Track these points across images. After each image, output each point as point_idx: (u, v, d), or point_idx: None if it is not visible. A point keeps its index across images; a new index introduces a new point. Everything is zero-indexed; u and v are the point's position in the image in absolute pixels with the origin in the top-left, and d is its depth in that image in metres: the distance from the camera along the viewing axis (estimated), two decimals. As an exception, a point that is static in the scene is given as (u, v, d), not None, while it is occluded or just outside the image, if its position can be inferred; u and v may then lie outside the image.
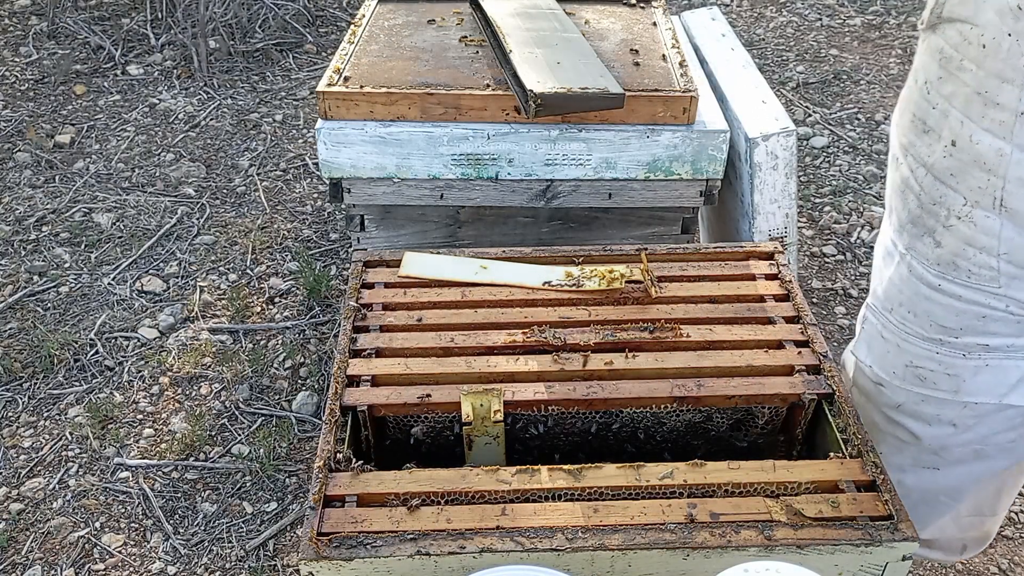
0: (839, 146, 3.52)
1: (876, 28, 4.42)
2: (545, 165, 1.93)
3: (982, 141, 1.16)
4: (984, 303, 1.27)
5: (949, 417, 1.39)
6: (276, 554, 2.03)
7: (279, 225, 3.08)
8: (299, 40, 4.27)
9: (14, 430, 2.33)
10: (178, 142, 3.52)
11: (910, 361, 1.39)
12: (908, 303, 1.36)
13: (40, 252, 2.93)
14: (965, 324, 1.30)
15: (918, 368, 1.38)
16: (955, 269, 1.27)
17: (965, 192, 1.21)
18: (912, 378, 1.40)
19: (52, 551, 2.03)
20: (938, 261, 1.29)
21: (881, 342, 1.43)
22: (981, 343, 1.30)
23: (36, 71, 3.98)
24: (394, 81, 1.92)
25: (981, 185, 1.19)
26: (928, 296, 1.32)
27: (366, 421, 1.41)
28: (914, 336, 1.36)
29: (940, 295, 1.30)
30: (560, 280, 1.65)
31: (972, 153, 1.18)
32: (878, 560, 1.19)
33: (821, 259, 2.93)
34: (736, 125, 2.01)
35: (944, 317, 1.31)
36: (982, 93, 1.14)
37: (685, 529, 1.18)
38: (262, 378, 2.47)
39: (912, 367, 1.39)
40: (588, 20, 2.25)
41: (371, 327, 1.56)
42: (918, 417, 1.43)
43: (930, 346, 1.35)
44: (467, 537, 1.17)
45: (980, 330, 1.29)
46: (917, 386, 1.40)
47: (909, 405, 1.43)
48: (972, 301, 1.27)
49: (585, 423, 1.47)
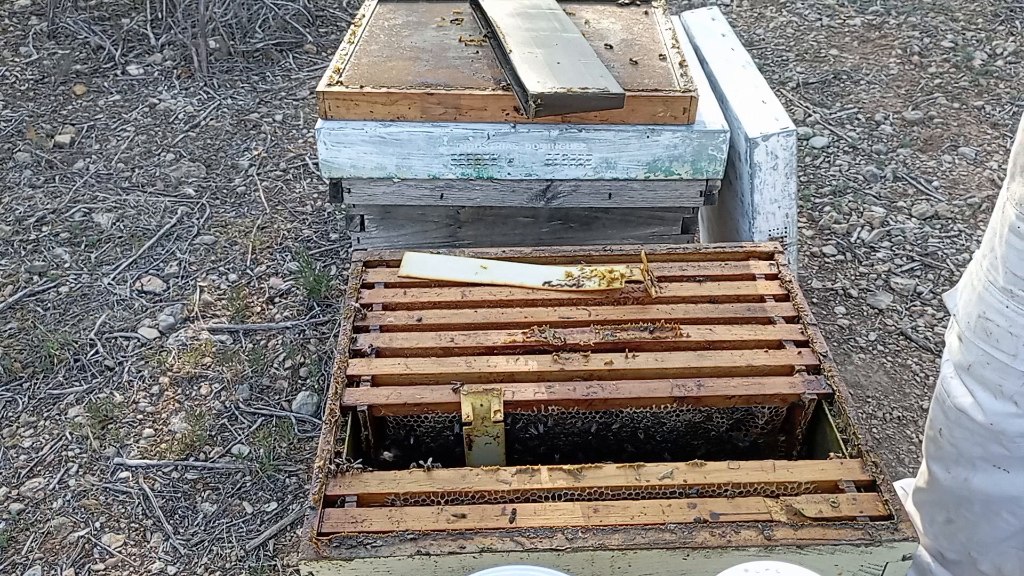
0: (839, 146, 3.52)
1: (876, 28, 4.42)
2: (545, 165, 1.93)
3: None
4: None
5: (1011, 390, 1.38)
6: (276, 554, 2.03)
7: (279, 225, 3.08)
8: (299, 40, 4.27)
9: (14, 430, 2.33)
10: (178, 142, 3.52)
11: (983, 311, 1.39)
12: (995, 245, 1.36)
13: (40, 252, 2.93)
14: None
15: (988, 321, 1.38)
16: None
17: None
18: (981, 332, 1.39)
19: (52, 551, 2.03)
20: (1021, 200, 1.29)
21: (969, 290, 1.44)
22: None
23: (36, 71, 3.98)
24: (394, 81, 1.92)
25: None
26: (1008, 239, 1.32)
27: (366, 421, 1.41)
28: (992, 284, 1.37)
29: (1017, 238, 1.30)
30: (560, 280, 1.65)
31: None
32: (878, 560, 1.19)
33: (821, 259, 2.93)
34: (736, 125, 2.01)
35: (1017, 264, 1.31)
36: None
37: (685, 529, 1.18)
38: (262, 378, 2.47)
39: (983, 319, 1.39)
40: (588, 20, 2.25)
41: (371, 327, 1.56)
42: (984, 383, 1.42)
43: (1002, 297, 1.35)
44: (467, 537, 1.17)
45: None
46: (984, 341, 1.39)
47: (977, 368, 1.42)
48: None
49: (585, 423, 1.47)
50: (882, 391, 2.43)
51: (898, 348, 2.56)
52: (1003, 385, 1.39)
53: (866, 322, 2.66)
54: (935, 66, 4.04)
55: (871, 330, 2.63)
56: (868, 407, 2.38)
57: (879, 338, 2.60)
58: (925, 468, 1.60)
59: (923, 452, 1.61)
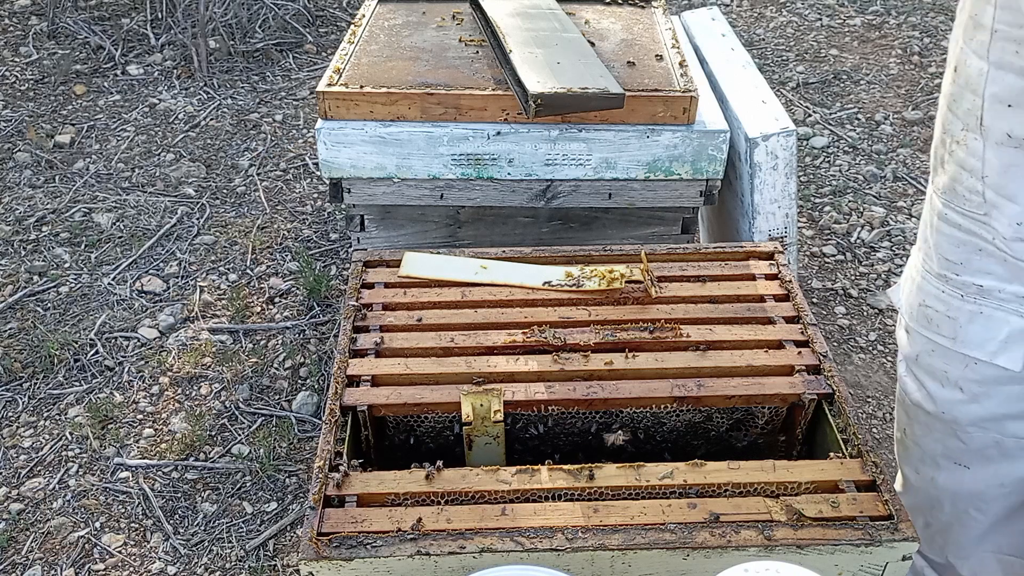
0: (839, 146, 3.52)
1: (876, 28, 4.42)
2: (545, 165, 1.93)
3: (970, 63, 1.25)
4: (977, 233, 1.32)
5: (955, 376, 1.41)
6: (276, 554, 2.04)
7: (279, 225, 3.08)
8: (299, 40, 4.27)
9: (14, 430, 2.33)
10: (178, 142, 3.52)
11: (923, 300, 1.43)
12: (927, 236, 1.42)
13: (40, 252, 2.93)
14: (963, 258, 1.35)
15: (927, 308, 1.42)
16: (954, 195, 1.33)
17: (962, 116, 1.29)
18: (923, 319, 1.44)
19: (52, 551, 2.03)
20: (944, 188, 1.35)
21: (909, 282, 1.48)
22: (976, 283, 1.35)
23: (36, 71, 3.98)
24: (394, 81, 1.92)
25: (970, 107, 1.27)
26: (938, 227, 1.38)
27: (366, 421, 1.41)
28: (928, 272, 1.42)
29: (946, 225, 1.36)
30: (560, 280, 1.65)
31: (965, 76, 1.27)
32: (878, 560, 1.19)
33: (821, 259, 2.93)
34: (736, 125, 2.01)
35: (948, 249, 1.37)
36: (973, 16, 1.24)
37: (685, 529, 1.18)
38: (262, 378, 2.47)
39: (923, 307, 1.43)
40: (588, 20, 2.25)
41: (371, 327, 1.56)
42: (931, 373, 1.45)
43: (938, 283, 1.40)
44: (467, 537, 1.17)
45: (975, 267, 1.34)
46: (925, 328, 1.44)
47: (924, 357, 1.46)
48: (968, 231, 1.33)
49: (585, 423, 1.47)
50: (882, 391, 2.43)
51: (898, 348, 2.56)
52: (948, 371, 1.42)
53: (866, 322, 2.66)
54: (935, 66, 4.04)
55: (871, 330, 2.63)
56: (868, 407, 2.38)
57: (879, 338, 2.60)
58: (899, 472, 1.63)
59: (896, 456, 1.63)
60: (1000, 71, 1.22)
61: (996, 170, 1.26)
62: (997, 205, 1.28)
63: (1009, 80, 1.21)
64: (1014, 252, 1.29)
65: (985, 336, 1.36)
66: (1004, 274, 1.31)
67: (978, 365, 1.38)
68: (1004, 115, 1.23)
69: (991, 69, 1.22)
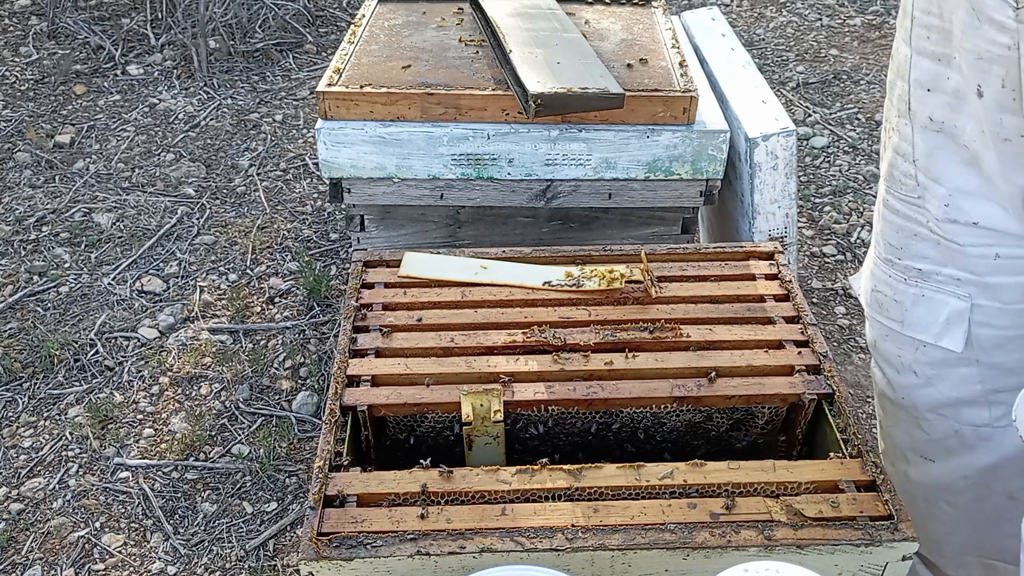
0: (839, 146, 3.52)
1: (876, 28, 4.42)
2: (545, 165, 1.93)
3: (900, 50, 1.30)
4: (913, 218, 1.35)
5: (908, 359, 1.44)
6: (276, 554, 2.04)
7: (279, 225, 3.08)
8: (299, 40, 4.27)
9: (14, 430, 2.33)
10: (178, 142, 3.52)
11: (874, 286, 1.47)
12: (875, 224, 1.46)
13: (40, 252, 2.93)
14: (903, 243, 1.38)
15: (878, 292, 1.46)
16: (892, 180, 1.37)
17: (896, 102, 1.33)
18: (876, 305, 1.47)
19: (52, 551, 2.03)
20: (885, 175, 1.40)
21: (866, 271, 1.52)
22: (916, 267, 1.38)
23: (36, 71, 3.98)
24: (394, 81, 1.92)
25: (900, 93, 1.31)
26: (882, 213, 1.42)
27: (366, 421, 1.41)
28: (877, 258, 1.46)
29: (887, 211, 1.40)
30: (560, 280, 1.65)
31: (896, 62, 1.32)
32: (878, 560, 1.19)
33: (821, 259, 2.93)
34: (736, 125, 2.01)
35: (890, 234, 1.41)
36: (902, 5, 1.29)
37: (685, 529, 1.18)
38: (262, 378, 2.47)
39: (875, 292, 1.47)
40: (588, 20, 2.25)
41: (371, 327, 1.56)
42: (887, 359, 1.49)
43: (885, 268, 1.43)
44: (467, 537, 1.17)
45: (914, 252, 1.37)
46: (877, 313, 1.47)
47: (880, 342, 1.49)
48: (906, 216, 1.36)
49: (585, 423, 1.47)
50: (882, 391, 2.43)
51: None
52: (901, 355, 1.45)
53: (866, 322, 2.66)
54: (935, 66, 4.04)
55: (871, 330, 2.63)
56: (868, 407, 2.38)
57: (879, 338, 2.60)
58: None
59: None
60: (919, 56, 1.26)
61: (924, 153, 1.30)
62: (927, 188, 1.31)
63: (925, 65, 1.25)
64: (945, 233, 1.32)
65: (929, 319, 1.38)
66: (938, 257, 1.34)
67: (927, 348, 1.41)
68: (925, 100, 1.27)
69: (913, 55, 1.27)
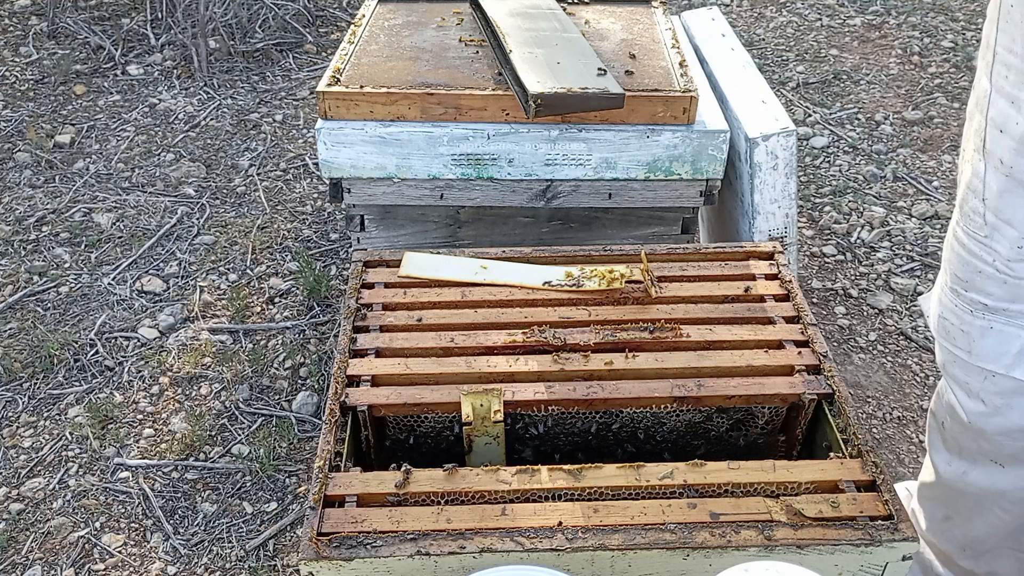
0: (839, 146, 3.52)
1: (876, 28, 4.41)
2: (545, 165, 1.93)
3: (981, 82, 1.25)
4: (978, 255, 1.31)
5: (976, 388, 1.40)
6: (276, 554, 2.03)
7: (279, 225, 3.08)
8: (299, 40, 4.27)
9: (14, 430, 2.33)
10: (178, 142, 3.52)
11: (941, 312, 1.43)
12: (945, 251, 1.42)
13: (40, 252, 2.93)
14: (969, 277, 1.34)
15: (945, 320, 1.42)
16: (962, 214, 1.33)
17: (972, 136, 1.29)
18: (942, 331, 1.44)
19: (52, 551, 2.03)
20: (958, 205, 1.35)
21: (934, 295, 1.49)
22: (981, 301, 1.34)
23: (36, 71, 3.98)
24: (394, 81, 1.92)
25: (977, 127, 1.27)
26: (951, 244, 1.38)
27: (366, 421, 1.41)
28: (944, 286, 1.42)
29: (956, 243, 1.36)
30: (560, 280, 1.65)
31: (977, 95, 1.27)
32: (878, 560, 1.19)
33: (821, 259, 2.93)
34: (736, 125, 2.01)
35: (957, 265, 1.37)
36: (985, 35, 1.24)
37: (685, 529, 1.18)
38: (262, 378, 2.47)
39: (942, 318, 1.43)
40: (588, 20, 2.25)
41: (371, 327, 1.56)
42: (957, 382, 1.45)
43: (952, 297, 1.39)
44: (467, 537, 1.17)
45: (979, 287, 1.34)
46: (945, 339, 1.43)
47: (948, 366, 1.46)
48: (971, 252, 1.33)
49: (585, 423, 1.47)
50: (882, 391, 2.43)
51: (898, 348, 2.56)
52: (969, 383, 1.42)
53: (866, 322, 2.66)
54: (935, 66, 4.04)
55: (871, 330, 2.63)
56: (868, 407, 2.38)
57: (879, 338, 2.60)
58: (928, 462, 1.61)
59: (927, 445, 1.62)
60: (997, 95, 1.21)
61: (995, 194, 1.25)
62: (997, 228, 1.27)
63: (1001, 104, 1.20)
64: (1015, 272, 1.28)
65: (999, 349, 1.35)
66: (1004, 295, 1.31)
67: (996, 378, 1.37)
68: (998, 140, 1.22)
69: (992, 91, 1.21)
